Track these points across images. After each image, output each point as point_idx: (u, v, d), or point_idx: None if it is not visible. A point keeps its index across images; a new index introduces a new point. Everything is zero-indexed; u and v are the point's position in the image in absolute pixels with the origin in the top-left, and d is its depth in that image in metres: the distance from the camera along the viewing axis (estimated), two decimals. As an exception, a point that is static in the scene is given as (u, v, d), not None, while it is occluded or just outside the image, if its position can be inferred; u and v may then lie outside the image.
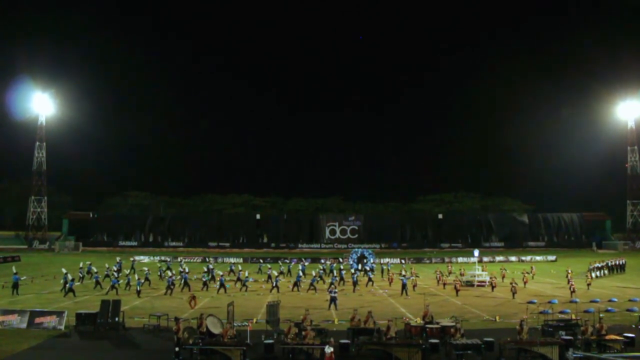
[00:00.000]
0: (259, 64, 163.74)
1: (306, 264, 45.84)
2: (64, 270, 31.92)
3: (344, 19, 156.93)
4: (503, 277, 38.31)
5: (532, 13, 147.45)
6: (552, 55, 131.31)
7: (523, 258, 61.82)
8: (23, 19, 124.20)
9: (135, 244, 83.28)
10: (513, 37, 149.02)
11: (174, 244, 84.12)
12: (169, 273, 34.45)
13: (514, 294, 29.56)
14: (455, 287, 31.44)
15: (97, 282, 32.97)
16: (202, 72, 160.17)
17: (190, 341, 16.75)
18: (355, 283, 33.65)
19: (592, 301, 27.74)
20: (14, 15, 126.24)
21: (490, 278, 34.02)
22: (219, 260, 59.03)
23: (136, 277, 33.70)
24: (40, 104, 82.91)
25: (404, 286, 31.09)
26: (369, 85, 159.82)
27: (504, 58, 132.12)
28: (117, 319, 20.89)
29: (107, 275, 35.64)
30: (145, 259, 59.64)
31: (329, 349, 14.99)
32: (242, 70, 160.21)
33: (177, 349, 16.38)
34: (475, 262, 43.48)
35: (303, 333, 17.04)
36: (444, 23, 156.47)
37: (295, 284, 33.08)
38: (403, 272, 34.90)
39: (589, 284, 33.67)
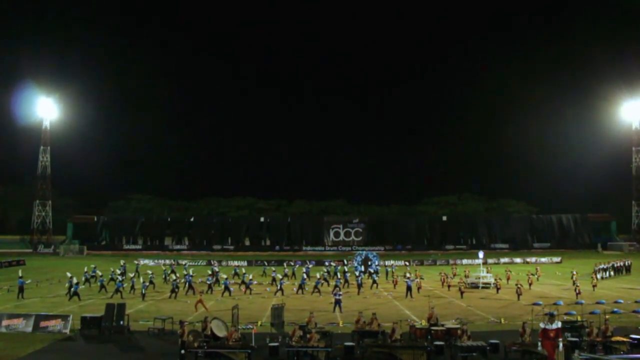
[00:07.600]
0: (262, 63, 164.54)
1: (310, 266, 45.80)
2: (68, 274, 32.03)
3: (345, 19, 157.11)
4: (508, 279, 38.23)
5: (537, 12, 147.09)
6: (556, 55, 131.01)
7: (528, 260, 61.56)
8: (27, 23, 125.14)
9: (139, 247, 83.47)
10: (517, 37, 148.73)
11: (178, 247, 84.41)
12: (174, 276, 34.49)
13: (519, 295, 29.49)
14: (460, 289, 31.38)
15: (102, 286, 33.05)
16: (204, 75, 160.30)
17: (195, 344, 16.74)
18: (359, 285, 33.63)
19: (597, 303, 27.57)
20: (18, 20, 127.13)
21: (495, 280, 33.92)
22: (223, 263, 59.01)
23: (141, 280, 33.74)
24: (45, 109, 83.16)
25: (408, 288, 31.04)
26: (373, 87, 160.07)
27: (508, 58, 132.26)
28: (122, 322, 20.92)
29: (111, 279, 35.71)
30: (150, 262, 59.79)
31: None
32: (245, 71, 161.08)
33: (182, 352, 16.42)
34: (480, 264, 43.43)
35: (308, 336, 17.03)
36: (447, 21, 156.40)
37: (300, 287, 33.05)
38: (407, 275, 34.86)
39: (594, 286, 33.55)
